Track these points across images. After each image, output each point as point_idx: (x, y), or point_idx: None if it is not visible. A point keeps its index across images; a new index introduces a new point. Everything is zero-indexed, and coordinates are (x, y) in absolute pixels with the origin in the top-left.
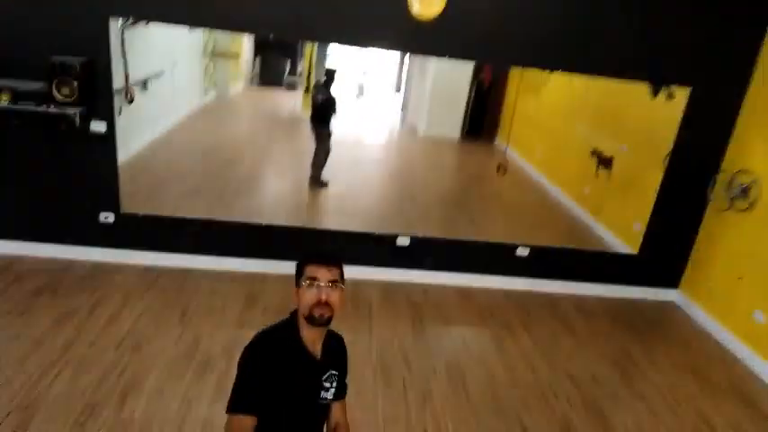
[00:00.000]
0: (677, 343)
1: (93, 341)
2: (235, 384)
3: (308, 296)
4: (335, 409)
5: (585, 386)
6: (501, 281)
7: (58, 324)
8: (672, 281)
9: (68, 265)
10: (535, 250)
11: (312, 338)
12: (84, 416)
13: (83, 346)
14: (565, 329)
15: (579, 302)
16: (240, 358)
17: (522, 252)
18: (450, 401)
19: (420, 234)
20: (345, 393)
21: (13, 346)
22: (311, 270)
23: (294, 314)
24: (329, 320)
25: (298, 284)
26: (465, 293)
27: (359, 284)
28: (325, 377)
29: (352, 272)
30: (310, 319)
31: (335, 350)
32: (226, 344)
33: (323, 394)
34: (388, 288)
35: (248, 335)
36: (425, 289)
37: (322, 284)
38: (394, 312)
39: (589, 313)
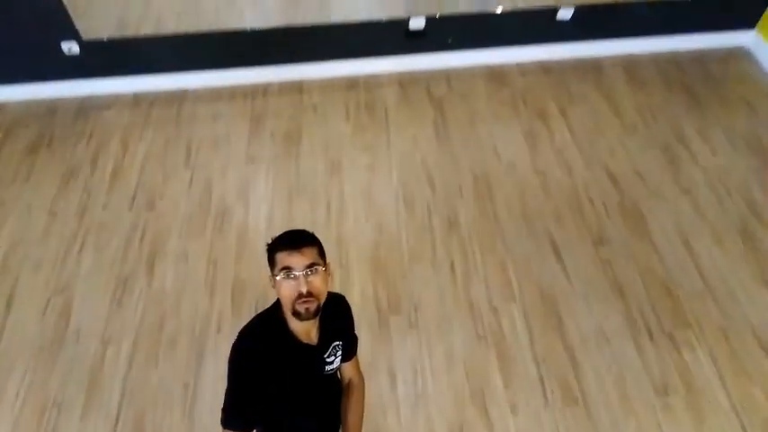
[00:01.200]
0: (740, 110)
1: (106, 203)
2: (226, 394)
3: (286, 290)
4: (345, 367)
5: (626, 184)
6: (538, 51)
7: (65, 187)
8: (746, 19)
9: (53, 108)
10: (581, 11)
11: (305, 328)
12: (119, 291)
13: (97, 210)
14: (610, 109)
15: (630, 67)
16: (228, 362)
17: (565, 15)
18: (477, 224)
19: (437, 13)
20: (354, 353)
21: (30, 221)
22: (282, 258)
23: (278, 303)
24: (317, 311)
25: (272, 274)
26: (495, 76)
27: (372, 84)
28: (327, 354)
29: (364, 69)
30: (296, 315)
31: (335, 319)
32: (239, 186)
33: (327, 368)
34: (406, 82)
35: (260, 170)
36: (448, 76)
37: (298, 273)
38: (413, 115)
39: (640, 82)
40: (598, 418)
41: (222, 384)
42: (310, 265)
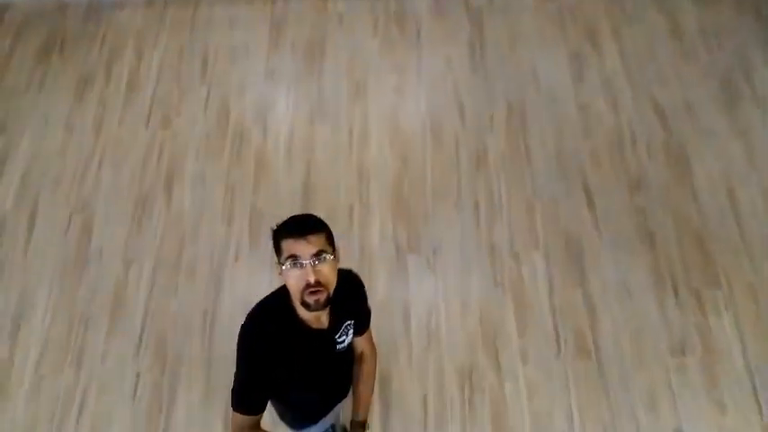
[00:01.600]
0: None
1: (121, 118)
2: (235, 376)
3: (293, 280)
4: (358, 340)
5: (675, 121)
6: None
7: (80, 99)
8: None
9: (63, 4)
10: None
11: (315, 315)
12: (139, 212)
13: (113, 126)
14: (668, 30)
15: None
16: (237, 344)
17: None
18: (506, 162)
19: None
20: (367, 327)
21: (47, 134)
22: (289, 246)
23: (286, 289)
24: (327, 302)
25: (278, 262)
26: None
27: None
28: (338, 335)
29: None
30: (306, 307)
31: (346, 298)
32: (258, 106)
33: (339, 347)
34: None
35: (280, 88)
36: None
37: (305, 262)
38: (448, 30)
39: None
40: (609, 372)
41: (237, 310)
42: (318, 253)
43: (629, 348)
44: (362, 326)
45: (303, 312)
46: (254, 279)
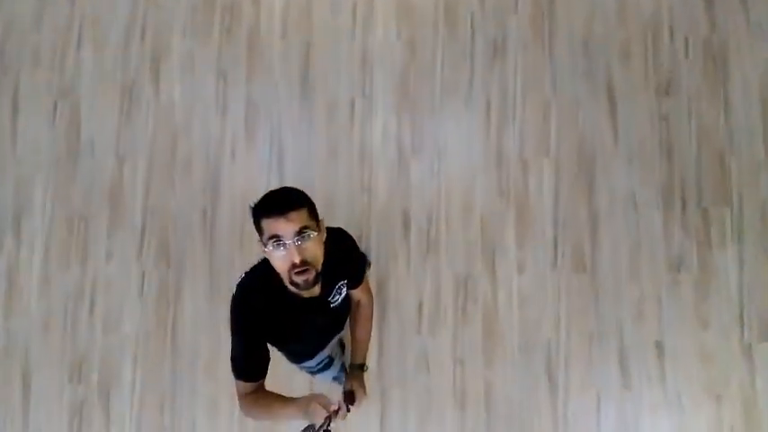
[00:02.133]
0: None
1: None
2: (233, 346)
3: (278, 261)
4: (354, 291)
5: (723, 14)
6: None
7: None
8: None
9: None
10: None
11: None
12: (126, 102)
13: None
14: None
15: None
16: (230, 314)
17: None
18: (527, 53)
19: None
20: (361, 281)
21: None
22: (269, 226)
23: None
24: (316, 280)
25: (261, 241)
26: None
27: None
28: (331, 296)
29: None
30: (294, 286)
31: (337, 261)
32: None
33: (333, 305)
34: None
35: None
36: None
37: (288, 242)
38: None
39: None
40: (601, 285)
41: (236, 209)
42: (300, 231)
43: (626, 263)
44: (356, 281)
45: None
46: (251, 177)
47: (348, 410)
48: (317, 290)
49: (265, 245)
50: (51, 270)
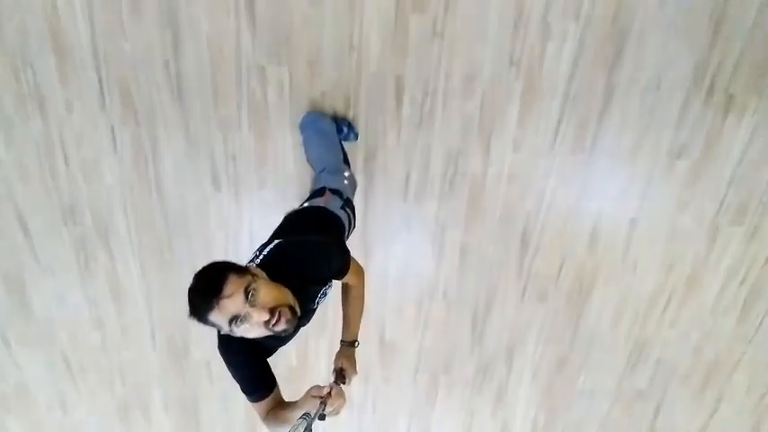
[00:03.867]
0: None
1: None
2: (236, 381)
3: (252, 332)
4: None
5: None
6: None
7: None
8: None
9: None
10: None
11: None
12: None
13: None
14: None
15: None
16: (222, 358)
17: None
18: None
19: None
20: (345, 274)
21: None
22: (218, 317)
23: None
24: (295, 316)
25: (228, 331)
26: None
27: None
28: (315, 304)
29: None
30: (283, 333)
31: (310, 281)
32: None
33: (322, 303)
34: None
35: None
36: None
37: (243, 312)
38: None
39: None
40: (594, 163)
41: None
42: (246, 294)
43: (627, 144)
44: (339, 277)
45: None
46: (217, 19)
47: (340, 387)
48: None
49: (231, 331)
50: (9, 117)
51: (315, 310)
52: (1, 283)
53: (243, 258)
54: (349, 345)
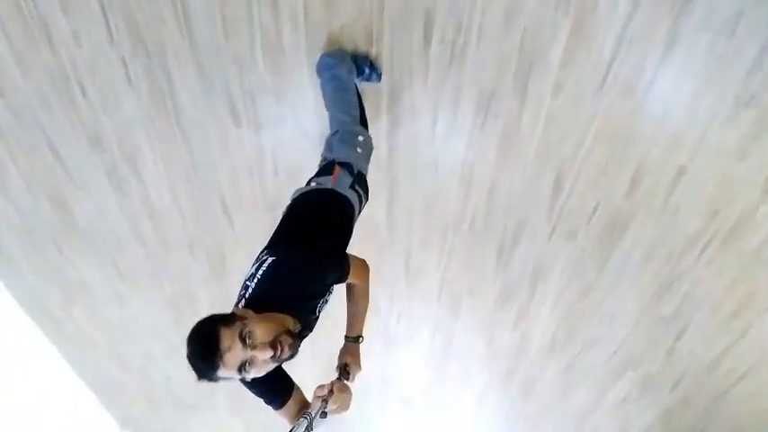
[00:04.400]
0: None
1: None
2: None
3: (262, 372)
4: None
5: None
6: None
7: None
8: None
9: None
10: None
11: None
12: None
13: None
14: None
15: None
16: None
17: None
18: None
19: None
20: (345, 278)
21: None
22: (225, 371)
23: None
24: (295, 339)
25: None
26: None
27: None
28: (316, 314)
29: None
30: (290, 358)
31: (301, 287)
32: None
33: (321, 312)
34: None
35: None
36: None
37: (247, 357)
38: None
39: None
40: (646, 115)
41: None
42: (243, 341)
43: (687, 90)
44: (340, 281)
45: None
46: None
47: (344, 383)
48: (297, 326)
49: (243, 377)
50: (19, 51)
51: (317, 318)
52: (45, 200)
53: (270, 188)
54: (353, 340)
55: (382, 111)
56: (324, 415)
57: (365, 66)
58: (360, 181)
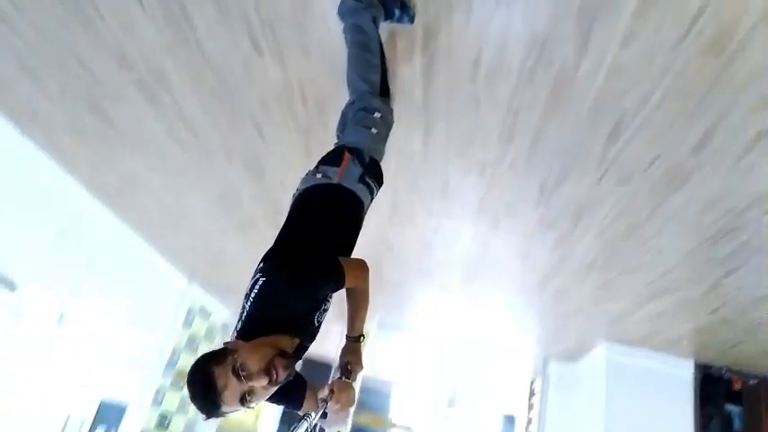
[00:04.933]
0: None
1: None
2: None
3: (264, 396)
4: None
5: None
6: None
7: None
8: None
9: None
10: None
11: None
12: None
13: None
14: None
15: None
16: None
17: None
18: None
19: None
20: (342, 285)
21: None
22: (228, 407)
23: None
24: (288, 355)
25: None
26: None
27: None
28: (316, 321)
29: None
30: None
31: (309, 304)
32: None
33: (322, 321)
34: None
35: None
36: None
37: (245, 388)
38: None
39: None
40: (727, 72)
41: None
42: (238, 374)
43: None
44: (336, 290)
45: None
46: None
47: (345, 382)
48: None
49: (248, 407)
50: None
51: (319, 327)
52: (85, 107)
53: (300, 115)
54: (354, 340)
55: (416, 52)
56: (325, 416)
57: (395, 6)
58: (371, 170)
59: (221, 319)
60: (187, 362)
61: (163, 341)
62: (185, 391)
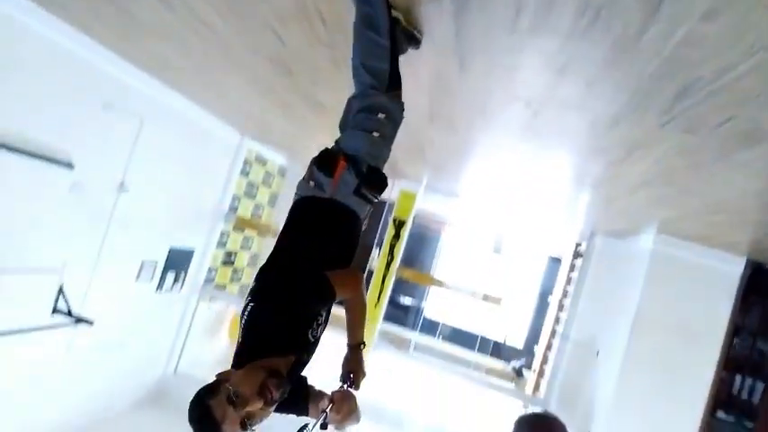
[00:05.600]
0: None
1: None
2: None
3: (265, 416)
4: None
5: None
6: None
7: None
8: None
9: None
10: None
11: None
12: None
13: None
14: None
15: None
16: None
17: None
18: None
19: None
20: (335, 298)
21: None
22: (229, 428)
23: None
24: (280, 374)
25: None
26: None
27: None
28: (314, 339)
29: None
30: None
31: (299, 322)
32: None
33: (321, 334)
34: None
35: None
36: None
37: (243, 412)
38: None
39: None
40: None
41: None
42: (232, 403)
43: None
44: (327, 305)
45: None
46: None
47: (347, 391)
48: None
49: (253, 430)
50: None
51: (316, 343)
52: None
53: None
54: (356, 347)
55: (444, 6)
56: (324, 426)
57: None
58: (369, 180)
59: (278, 163)
60: (247, 207)
61: (222, 191)
62: (247, 232)
